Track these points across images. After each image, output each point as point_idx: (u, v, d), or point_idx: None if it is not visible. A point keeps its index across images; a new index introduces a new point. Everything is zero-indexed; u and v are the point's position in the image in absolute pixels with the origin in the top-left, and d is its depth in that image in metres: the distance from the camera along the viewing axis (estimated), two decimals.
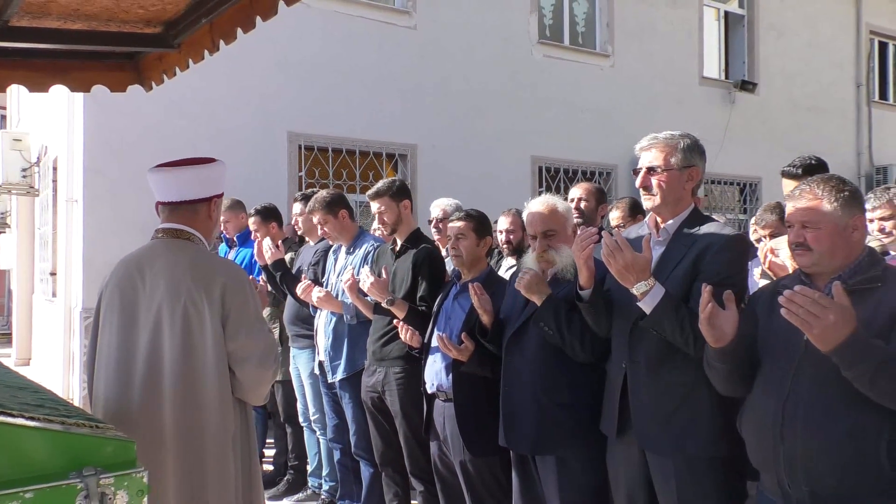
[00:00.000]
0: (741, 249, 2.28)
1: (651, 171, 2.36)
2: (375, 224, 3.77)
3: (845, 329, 1.67)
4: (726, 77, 10.62)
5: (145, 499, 1.48)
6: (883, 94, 12.55)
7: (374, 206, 3.58)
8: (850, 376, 1.72)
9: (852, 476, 1.78)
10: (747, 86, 10.34)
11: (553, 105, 8.68)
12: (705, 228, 2.32)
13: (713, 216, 2.68)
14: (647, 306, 2.19)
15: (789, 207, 1.99)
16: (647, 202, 2.39)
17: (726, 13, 10.71)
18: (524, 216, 2.86)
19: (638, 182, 2.39)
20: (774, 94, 10.74)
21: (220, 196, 2.47)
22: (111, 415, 2.19)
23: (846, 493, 1.80)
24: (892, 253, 3.10)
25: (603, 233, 2.28)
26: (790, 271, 2.41)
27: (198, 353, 2.22)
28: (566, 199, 3.89)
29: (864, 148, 11.86)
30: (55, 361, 7.27)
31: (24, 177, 8.83)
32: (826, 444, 1.80)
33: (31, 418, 1.46)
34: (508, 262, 4.26)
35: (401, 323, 3.20)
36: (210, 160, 2.45)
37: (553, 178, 8.80)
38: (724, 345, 1.97)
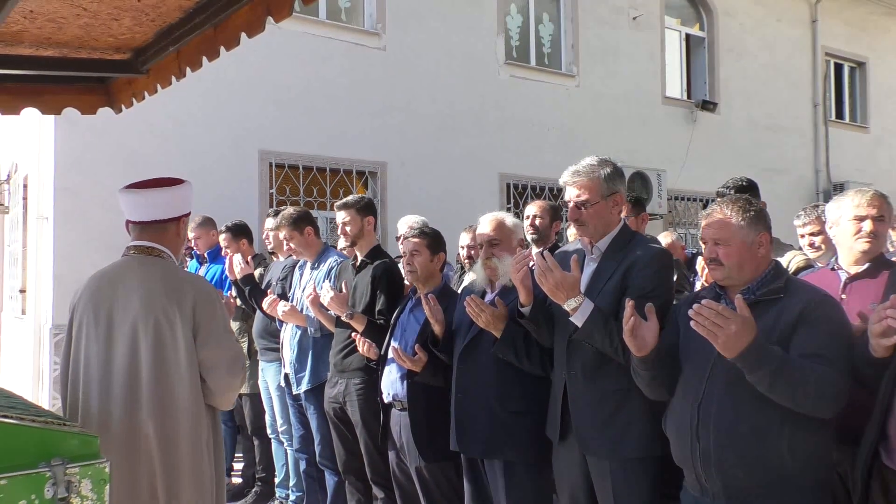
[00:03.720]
0: (664, 263, 2.47)
1: (579, 206, 2.54)
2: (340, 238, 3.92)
3: (746, 338, 1.86)
4: (688, 97, 10.98)
5: (107, 487, 1.64)
6: (839, 114, 13.02)
7: (340, 216, 3.74)
8: (752, 380, 1.91)
9: (758, 469, 1.97)
10: (708, 105, 10.70)
11: (520, 124, 8.93)
12: (633, 245, 2.51)
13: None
14: (578, 321, 2.37)
15: (703, 225, 2.19)
16: (579, 232, 2.59)
17: (688, 35, 11.09)
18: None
19: (569, 216, 2.58)
20: (734, 113, 11.12)
21: (187, 215, 2.61)
22: (98, 423, 2.31)
23: (753, 484, 1.98)
24: (820, 265, 3.30)
25: (535, 254, 2.46)
26: None
27: (171, 363, 2.36)
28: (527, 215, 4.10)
29: (822, 165, 12.28)
30: (24, 378, 7.26)
31: None
32: (734, 441, 1.98)
33: (5, 416, 1.61)
34: (470, 276, 4.43)
35: (358, 336, 3.35)
36: (178, 181, 2.58)
37: (521, 195, 9.02)
38: (647, 354, 2.16)
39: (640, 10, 10.09)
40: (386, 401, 3.24)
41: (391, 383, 3.20)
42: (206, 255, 5.22)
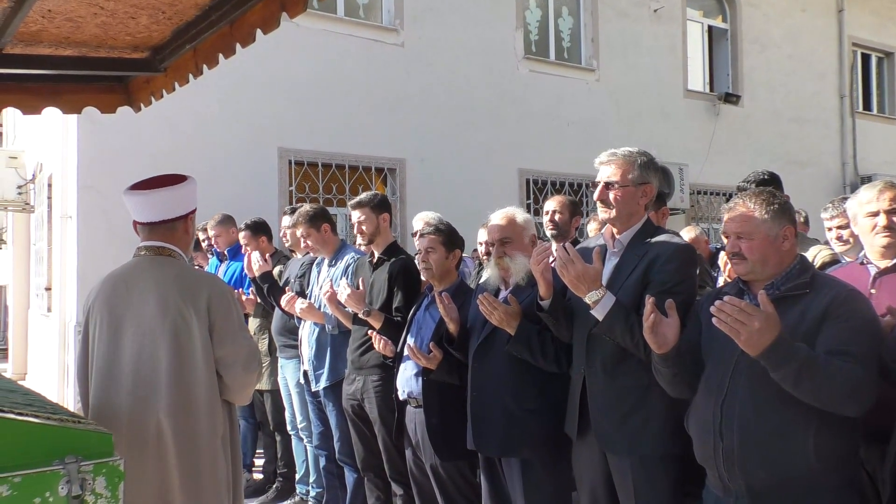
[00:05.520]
0: (687, 258, 2.42)
1: (608, 185, 2.51)
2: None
3: (769, 335, 1.80)
4: (710, 90, 10.83)
5: (121, 484, 1.65)
6: (867, 105, 12.76)
7: (355, 216, 3.75)
8: (776, 378, 1.86)
9: (782, 469, 1.92)
10: (731, 98, 10.54)
11: (539, 119, 8.86)
12: (656, 239, 2.46)
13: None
14: (598, 314, 2.33)
15: (725, 219, 2.14)
16: (603, 214, 2.54)
17: (710, 27, 10.93)
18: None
19: (596, 195, 2.54)
20: (758, 105, 10.94)
21: (194, 212, 2.61)
22: (109, 423, 2.30)
23: (777, 484, 1.93)
24: (847, 259, 3.23)
25: (556, 246, 2.43)
26: None
27: (189, 362, 2.37)
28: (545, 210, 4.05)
29: (849, 158, 12.05)
30: (50, 375, 7.38)
31: (19, 194, 8.98)
32: (758, 439, 1.93)
33: (21, 413, 1.63)
34: (487, 272, 4.40)
35: (374, 333, 3.34)
36: (182, 178, 2.56)
37: (540, 191, 8.96)
38: (668, 350, 2.11)
39: (662, 1, 9.96)
40: (401, 398, 3.23)
41: (406, 380, 3.19)
42: (226, 252, 5.24)
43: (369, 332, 3.41)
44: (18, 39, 2.90)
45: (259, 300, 4.63)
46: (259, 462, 5.22)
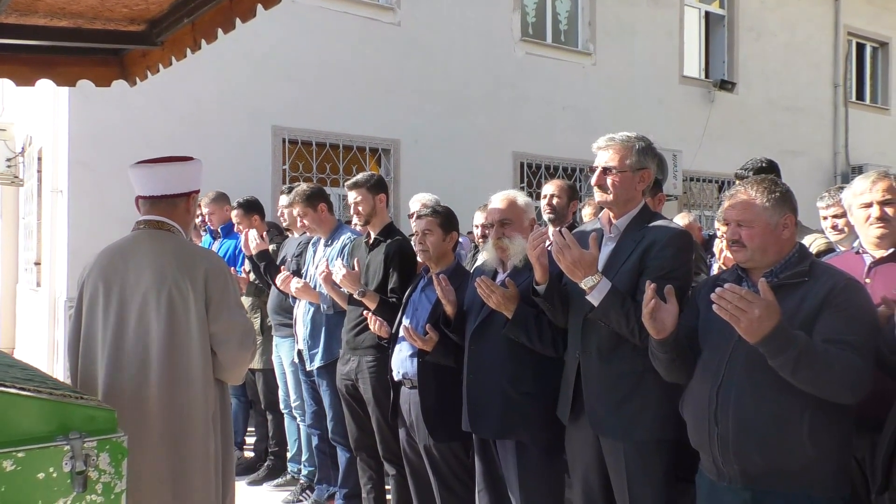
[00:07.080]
0: (684, 244, 2.43)
1: (606, 170, 2.51)
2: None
3: (769, 322, 1.81)
4: (706, 76, 10.82)
5: (125, 461, 1.64)
6: (860, 95, 12.79)
7: (352, 196, 3.73)
8: (775, 365, 1.87)
9: (777, 455, 1.94)
10: (726, 85, 10.54)
11: (535, 102, 8.83)
12: (653, 225, 2.47)
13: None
14: (594, 300, 2.34)
15: (725, 206, 2.14)
16: (600, 199, 2.54)
17: (707, 14, 10.89)
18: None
19: (593, 180, 2.54)
20: (753, 93, 10.95)
21: (197, 192, 2.61)
22: (106, 395, 2.32)
23: (772, 470, 1.95)
24: (842, 249, 3.25)
25: (552, 231, 2.42)
26: None
27: (183, 335, 2.37)
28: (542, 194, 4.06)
29: (841, 147, 12.10)
30: (39, 350, 7.35)
31: (8, 167, 8.86)
32: (753, 425, 1.95)
33: (23, 388, 1.62)
34: (483, 255, 4.40)
35: (369, 314, 3.34)
36: (188, 158, 2.59)
37: (534, 175, 8.95)
38: (666, 336, 2.12)
39: None
40: (396, 378, 3.23)
41: (401, 361, 3.19)
42: (219, 230, 5.22)
43: (364, 312, 3.41)
44: (13, 9, 2.84)
45: (254, 278, 4.62)
46: (250, 440, 5.24)
